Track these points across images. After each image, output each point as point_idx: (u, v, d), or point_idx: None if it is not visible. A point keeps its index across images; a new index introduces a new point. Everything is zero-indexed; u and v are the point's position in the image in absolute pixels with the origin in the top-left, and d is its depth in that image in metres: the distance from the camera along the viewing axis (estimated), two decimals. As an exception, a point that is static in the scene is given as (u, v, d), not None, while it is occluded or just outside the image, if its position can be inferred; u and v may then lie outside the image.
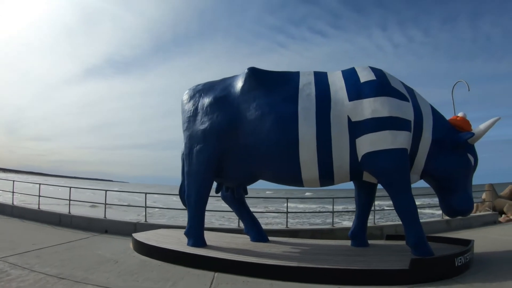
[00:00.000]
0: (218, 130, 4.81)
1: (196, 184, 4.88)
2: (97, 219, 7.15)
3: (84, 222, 7.11)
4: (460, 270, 4.03)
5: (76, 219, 7.23)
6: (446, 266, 3.98)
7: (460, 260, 4.07)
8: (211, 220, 13.10)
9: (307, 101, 4.54)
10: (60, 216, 7.40)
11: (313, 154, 4.43)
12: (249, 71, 4.96)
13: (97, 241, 6.05)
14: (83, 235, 6.40)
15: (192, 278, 3.87)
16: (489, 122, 4.65)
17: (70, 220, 7.24)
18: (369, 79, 4.56)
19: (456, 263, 4.01)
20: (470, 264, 4.28)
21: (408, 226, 4.37)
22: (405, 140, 4.32)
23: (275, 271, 3.80)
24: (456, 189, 4.55)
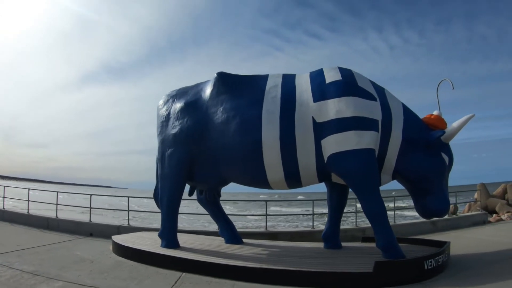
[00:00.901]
0: (188, 134, 5.02)
1: (168, 187, 5.14)
2: (83, 222, 7.51)
3: (70, 225, 7.47)
4: (430, 274, 3.96)
5: (63, 222, 7.59)
6: (414, 269, 3.92)
7: (431, 263, 3.99)
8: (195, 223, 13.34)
9: (272, 104, 4.62)
10: (48, 220, 7.77)
11: (277, 156, 4.49)
12: (217, 75, 5.12)
13: (79, 243, 6.38)
14: (67, 238, 6.74)
15: (159, 277, 4.14)
16: (462, 119, 4.59)
17: (57, 224, 7.59)
18: (335, 80, 4.57)
19: (425, 267, 3.93)
20: (444, 267, 4.23)
21: (377, 228, 4.36)
22: (372, 140, 4.30)
23: (238, 272, 3.97)
24: (430, 190, 4.50)
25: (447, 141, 4.59)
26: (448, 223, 8.93)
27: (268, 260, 4.39)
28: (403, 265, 3.98)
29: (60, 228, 7.50)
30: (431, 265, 3.99)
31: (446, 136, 4.54)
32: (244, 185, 5.14)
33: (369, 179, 4.32)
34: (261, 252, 4.89)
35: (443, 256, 4.26)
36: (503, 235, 6.88)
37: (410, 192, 4.77)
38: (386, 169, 4.62)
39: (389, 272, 3.81)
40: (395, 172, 4.62)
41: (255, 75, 5.16)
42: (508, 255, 5.06)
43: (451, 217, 9.35)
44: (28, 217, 8.05)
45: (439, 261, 4.14)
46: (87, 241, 6.62)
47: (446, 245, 4.61)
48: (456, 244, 6.01)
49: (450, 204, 4.73)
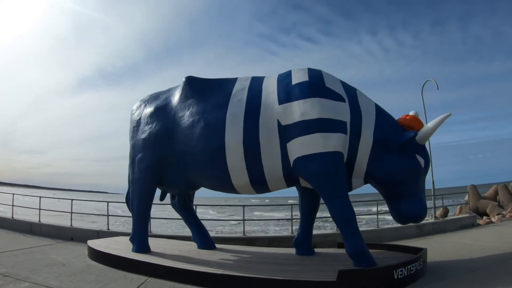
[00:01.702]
0: (156, 139, 5.14)
1: (138, 191, 5.32)
2: (64, 227, 7.78)
3: (52, 230, 7.73)
4: (401, 283, 3.82)
5: (45, 227, 7.86)
6: (383, 279, 3.79)
7: (401, 272, 3.85)
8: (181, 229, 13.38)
9: (237, 107, 4.62)
10: (31, 225, 8.05)
11: (241, 160, 4.46)
12: (185, 80, 5.21)
13: (58, 247, 6.61)
14: (48, 242, 6.99)
15: (124, 281, 4.32)
16: (437, 119, 4.47)
17: (40, 228, 7.87)
18: (301, 81, 4.50)
19: (395, 276, 3.79)
20: (418, 275, 4.10)
21: (346, 234, 4.24)
22: (339, 143, 4.21)
23: (199, 278, 4.03)
24: (405, 194, 4.37)
25: (422, 142, 4.46)
26: (435, 227, 8.97)
27: (231, 266, 4.48)
28: (369, 274, 3.83)
29: (43, 232, 7.75)
30: (401, 274, 3.84)
31: (421, 137, 4.40)
32: (213, 190, 5.25)
33: (336, 183, 4.20)
34: (229, 258, 5.03)
35: (417, 264, 4.12)
36: (490, 239, 6.87)
37: (384, 196, 4.65)
38: (357, 172, 4.52)
39: (354, 282, 3.67)
40: (367, 175, 4.51)
41: (224, 78, 5.21)
42: (491, 261, 4.94)
43: (437, 221, 9.38)
44: (12, 222, 8.34)
45: (412, 269, 3.99)
46: (66, 245, 6.85)
47: (421, 252, 4.47)
48: (438, 249, 6.14)
49: (426, 208, 4.58)
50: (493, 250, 5.64)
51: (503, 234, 7.55)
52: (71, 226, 7.79)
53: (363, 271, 3.89)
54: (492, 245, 6.08)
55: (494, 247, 5.89)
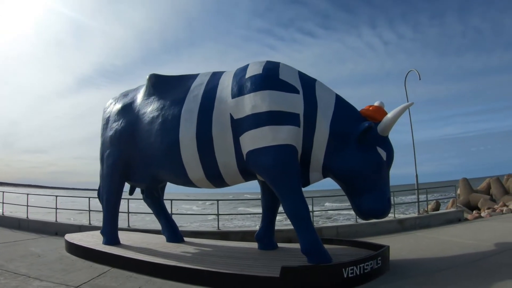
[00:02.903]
0: (121, 136, 5.50)
1: (107, 186, 5.75)
2: (49, 222, 8.40)
3: (38, 225, 8.35)
4: (352, 283, 3.78)
5: (32, 223, 8.48)
6: (330, 277, 3.77)
7: (352, 271, 3.80)
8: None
9: (192, 103, 4.78)
10: (19, 221, 8.68)
11: (194, 155, 4.63)
12: (149, 77, 5.51)
13: (41, 241, 7.18)
14: (33, 237, 7.59)
15: (88, 270, 4.77)
16: (397, 109, 4.34)
17: (27, 224, 8.48)
18: (254, 74, 4.53)
19: (345, 274, 3.76)
20: (373, 275, 4.04)
21: (298, 230, 4.24)
22: (289, 136, 4.21)
23: (152, 269, 4.37)
24: (365, 189, 4.28)
25: (383, 133, 4.34)
26: (417, 221, 8.70)
27: (188, 258, 4.77)
28: (315, 272, 3.80)
29: (30, 228, 8.37)
30: (352, 272, 3.79)
31: (381, 128, 4.29)
32: (177, 184, 5.60)
33: (287, 177, 4.19)
34: (191, 251, 5.40)
35: (373, 263, 4.05)
36: (471, 235, 6.81)
37: (345, 191, 4.57)
38: (314, 166, 4.50)
39: (298, 279, 3.68)
40: (325, 169, 4.48)
41: (186, 74, 5.43)
42: (462, 260, 4.81)
43: (421, 215, 9.35)
44: (2, 218, 8.98)
45: (366, 268, 3.94)
46: (49, 239, 7.41)
47: (380, 250, 4.41)
48: (413, 246, 6.18)
49: (389, 204, 4.41)
50: (470, 248, 5.57)
51: (487, 230, 7.45)
52: (55, 221, 8.38)
53: (307, 268, 3.88)
54: (471, 243, 6.01)
55: (472, 245, 5.82)
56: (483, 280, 3.84)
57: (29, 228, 8.36)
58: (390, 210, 4.51)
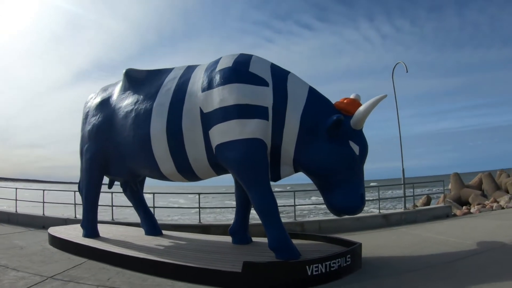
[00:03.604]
0: (98, 130, 5.70)
1: (86, 180, 6.00)
2: (36, 216, 8.76)
3: (27, 219, 8.71)
4: (317, 281, 3.78)
5: (21, 217, 8.85)
6: (293, 274, 3.79)
7: (317, 268, 3.80)
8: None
9: (164, 97, 4.86)
10: (8, 215, 9.04)
11: (165, 149, 4.75)
12: (125, 72, 5.68)
13: (27, 234, 7.53)
14: (20, 230, 7.93)
15: (65, 262, 5.06)
16: (370, 101, 4.28)
17: (16, 218, 8.84)
18: (224, 67, 4.56)
19: (309, 272, 3.76)
20: (344, 272, 4.06)
21: (266, 225, 4.29)
22: (257, 129, 4.24)
23: (124, 261, 4.61)
24: (337, 184, 4.26)
25: (356, 127, 4.29)
26: (403, 217, 8.74)
27: (160, 251, 4.98)
28: (277, 268, 3.85)
29: (19, 221, 8.73)
30: (317, 270, 3.80)
31: (354, 121, 4.25)
32: (153, 178, 5.82)
33: (254, 171, 4.24)
34: (167, 244, 5.63)
35: (341, 261, 4.04)
36: (456, 233, 6.77)
37: (317, 186, 4.58)
38: (284, 160, 4.50)
39: (259, 274, 3.73)
40: (296, 163, 4.47)
41: (161, 69, 5.55)
42: (438, 261, 4.76)
43: (407, 211, 9.32)
44: (-9, 213, 9.31)
45: (333, 266, 3.93)
46: (35, 232, 7.74)
47: (351, 248, 4.40)
48: (393, 242, 6.21)
49: (362, 200, 4.35)
50: (451, 247, 5.52)
51: (473, 227, 7.41)
52: (43, 215, 8.73)
53: (270, 264, 3.90)
54: (453, 241, 5.97)
55: (454, 243, 5.77)
56: (455, 283, 3.79)
57: (18, 222, 8.72)
58: (363, 206, 4.45)
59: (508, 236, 6.00)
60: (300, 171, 4.69)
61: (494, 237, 6.07)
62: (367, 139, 4.59)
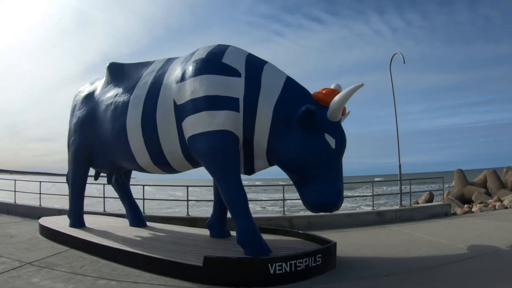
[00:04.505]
0: (82, 123, 5.94)
1: (72, 171, 6.30)
2: (33, 207, 9.25)
3: (25, 210, 9.20)
4: (280, 280, 3.74)
5: (19, 207, 9.36)
6: (255, 271, 3.77)
7: (280, 267, 3.75)
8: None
9: (141, 89, 5.00)
10: (7, 206, 9.59)
11: (140, 141, 4.90)
12: (107, 66, 5.89)
13: (22, 224, 7.98)
14: (17, 220, 8.41)
15: (48, 250, 5.37)
16: (344, 91, 4.10)
17: (15, 209, 9.36)
18: (197, 58, 4.59)
19: (271, 270, 3.71)
20: (313, 272, 4.00)
21: (234, 220, 4.30)
22: (226, 121, 4.23)
23: (99, 250, 4.89)
24: (312, 179, 4.14)
25: (332, 119, 4.14)
26: (398, 214, 8.67)
27: (135, 242, 5.16)
28: (238, 264, 3.84)
29: (17, 212, 9.24)
30: (280, 269, 3.75)
31: (329, 113, 4.11)
32: (133, 170, 6.05)
33: (223, 164, 4.25)
34: (146, 235, 5.83)
35: (309, 260, 3.96)
36: (450, 234, 6.55)
37: (293, 181, 4.49)
38: (258, 153, 4.48)
39: (220, 270, 3.77)
40: (269, 156, 4.42)
41: (143, 62, 5.70)
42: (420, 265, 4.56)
43: (402, 208, 9.05)
44: (-8, 204, 9.88)
45: (299, 265, 3.86)
46: (30, 222, 8.16)
47: (323, 247, 4.38)
48: (379, 242, 6.10)
49: (339, 196, 4.20)
50: (440, 250, 5.33)
51: (470, 228, 7.16)
52: (39, 206, 9.18)
53: (230, 260, 3.91)
54: (445, 243, 5.78)
55: (445, 246, 5.58)
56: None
57: (16, 212, 9.22)
58: (341, 203, 4.27)
59: (504, 240, 5.76)
60: (274, 165, 4.61)
61: (489, 240, 5.83)
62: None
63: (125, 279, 3.98)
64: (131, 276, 4.10)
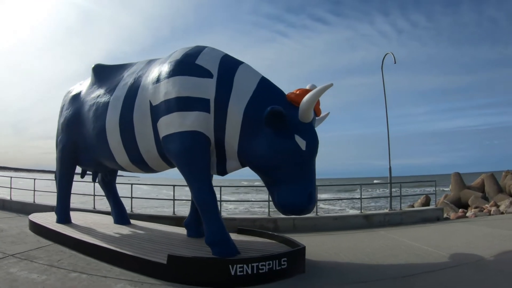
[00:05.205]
0: (68, 123, 6.26)
1: (59, 169, 6.65)
2: (28, 203, 9.70)
3: (19, 206, 9.67)
4: (241, 282, 3.81)
5: (14, 204, 9.85)
6: (216, 272, 3.87)
7: (242, 269, 3.82)
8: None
9: (120, 90, 5.22)
10: (3, 202, 10.08)
11: (118, 141, 5.14)
12: (92, 67, 6.21)
13: (15, 219, 8.42)
14: (11, 215, 8.87)
15: (32, 243, 5.74)
16: (313, 91, 4.05)
17: (10, 205, 9.84)
18: (173, 59, 4.73)
19: (232, 272, 3.80)
20: (277, 276, 4.03)
21: (203, 220, 4.43)
22: (197, 122, 4.34)
23: (77, 245, 5.23)
24: (282, 180, 4.15)
25: (302, 119, 4.11)
26: (387, 218, 8.67)
27: (113, 239, 5.41)
28: (199, 264, 3.96)
29: (12, 208, 9.73)
30: (242, 271, 3.82)
31: (299, 114, 4.08)
32: (115, 169, 6.28)
33: (192, 164, 4.37)
34: (125, 232, 6.08)
35: (273, 263, 3.99)
36: (436, 240, 6.42)
37: (264, 182, 4.52)
38: (229, 153, 4.57)
39: (183, 268, 3.89)
40: (241, 157, 4.46)
41: (126, 63, 5.99)
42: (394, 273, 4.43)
43: (392, 212, 9.03)
44: (-10, 200, 10.39)
45: (262, 268, 3.91)
46: (23, 218, 8.57)
47: (289, 250, 4.43)
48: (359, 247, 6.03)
49: (310, 199, 4.19)
50: (420, 257, 5.23)
51: (460, 235, 7.00)
52: (33, 202, 9.64)
53: (192, 259, 4.04)
54: (427, 249, 5.66)
55: (427, 253, 5.46)
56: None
57: (11, 208, 9.71)
58: (312, 206, 4.28)
59: (490, 249, 5.54)
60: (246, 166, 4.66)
61: (474, 249, 5.63)
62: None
63: (96, 273, 4.28)
64: (102, 271, 4.39)
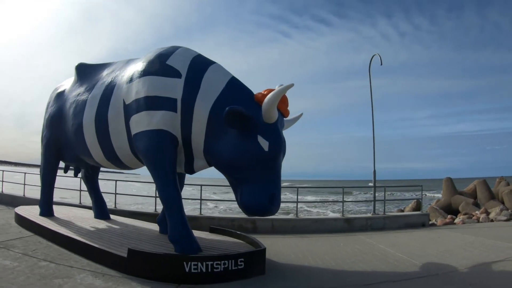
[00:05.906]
0: (52, 120, 6.59)
1: (43, 164, 7.04)
2: (17, 196, 10.24)
3: (10, 199, 10.20)
4: (196, 279, 3.97)
5: (5, 197, 10.42)
6: (171, 267, 4.03)
7: (196, 267, 3.97)
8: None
9: (99, 89, 5.47)
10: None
11: (94, 138, 5.42)
12: (75, 66, 6.54)
13: (4, 211, 8.96)
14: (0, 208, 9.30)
15: (14, 234, 6.22)
16: (273, 92, 4.13)
17: (1, 198, 10.39)
18: (146, 59, 4.96)
19: (187, 269, 3.96)
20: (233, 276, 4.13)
21: (167, 217, 4.63)
22: (163, 121, 4.53)
23: (53, 237, 5.65)
24: (245, 181, 4.22)
25: (266, 120, 4.17)
26: (369, 222, 8.70)
27: (86, 232, 5.77)
28: (156, 259, 4.14)
29: (3, 201, 10.26)
30: (196, 268, 3.97)
31: (262, 114, 4.15)
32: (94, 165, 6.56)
33: (158, 162, 4.59)
34: (101, 227, 6.42)
35: (228, 263, 4.12)
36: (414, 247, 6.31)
37: (229, 182, 4.61)
38: (196, 153, 4.74)
39: (142, 263, 4.11)
40: (206, 156, 4.61)
41: (108, 63, 6.24)
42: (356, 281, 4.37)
43: (374, 216, 9.04)
44: (-18, 193, 10.92)
45: (216, 267, 4.03)
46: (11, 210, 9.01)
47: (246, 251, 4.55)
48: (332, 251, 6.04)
49: (273, 200, 4.25)
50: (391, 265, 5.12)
51: (440, 242, 6.86)
52: (23, 196, 10.15)
53: (150, 254, 4.25)
54: (401, 257, 5.56)
55: (399, 261, 5.35)
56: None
57: (2, 201, 10.27)
58: (275, 208, 4.33)
59: (467, 259, 5.32)
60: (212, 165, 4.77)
61: (450, 259, 5.42)
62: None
63: (64, 263, 4.67)
64: (70, 261, 4.78)
